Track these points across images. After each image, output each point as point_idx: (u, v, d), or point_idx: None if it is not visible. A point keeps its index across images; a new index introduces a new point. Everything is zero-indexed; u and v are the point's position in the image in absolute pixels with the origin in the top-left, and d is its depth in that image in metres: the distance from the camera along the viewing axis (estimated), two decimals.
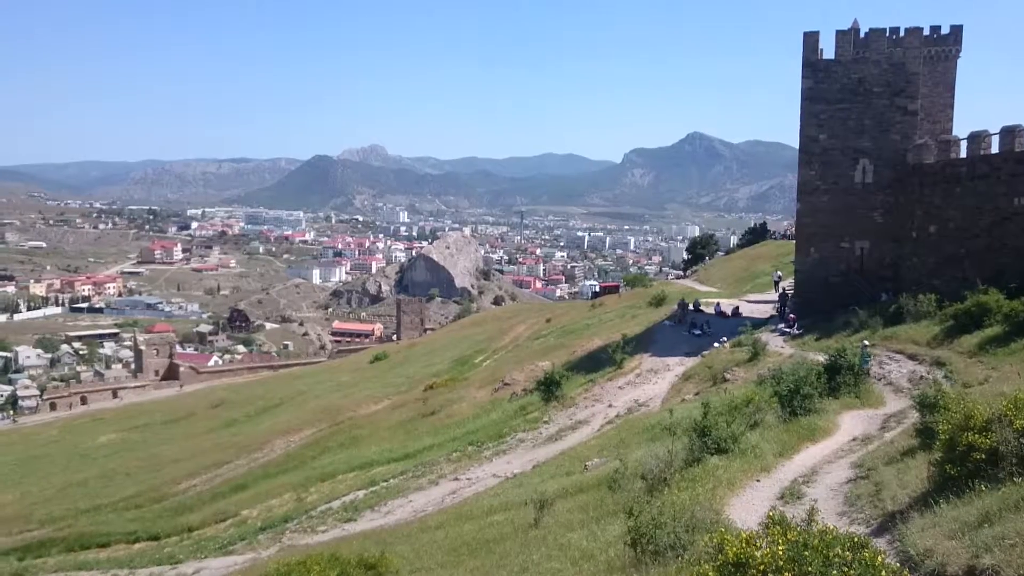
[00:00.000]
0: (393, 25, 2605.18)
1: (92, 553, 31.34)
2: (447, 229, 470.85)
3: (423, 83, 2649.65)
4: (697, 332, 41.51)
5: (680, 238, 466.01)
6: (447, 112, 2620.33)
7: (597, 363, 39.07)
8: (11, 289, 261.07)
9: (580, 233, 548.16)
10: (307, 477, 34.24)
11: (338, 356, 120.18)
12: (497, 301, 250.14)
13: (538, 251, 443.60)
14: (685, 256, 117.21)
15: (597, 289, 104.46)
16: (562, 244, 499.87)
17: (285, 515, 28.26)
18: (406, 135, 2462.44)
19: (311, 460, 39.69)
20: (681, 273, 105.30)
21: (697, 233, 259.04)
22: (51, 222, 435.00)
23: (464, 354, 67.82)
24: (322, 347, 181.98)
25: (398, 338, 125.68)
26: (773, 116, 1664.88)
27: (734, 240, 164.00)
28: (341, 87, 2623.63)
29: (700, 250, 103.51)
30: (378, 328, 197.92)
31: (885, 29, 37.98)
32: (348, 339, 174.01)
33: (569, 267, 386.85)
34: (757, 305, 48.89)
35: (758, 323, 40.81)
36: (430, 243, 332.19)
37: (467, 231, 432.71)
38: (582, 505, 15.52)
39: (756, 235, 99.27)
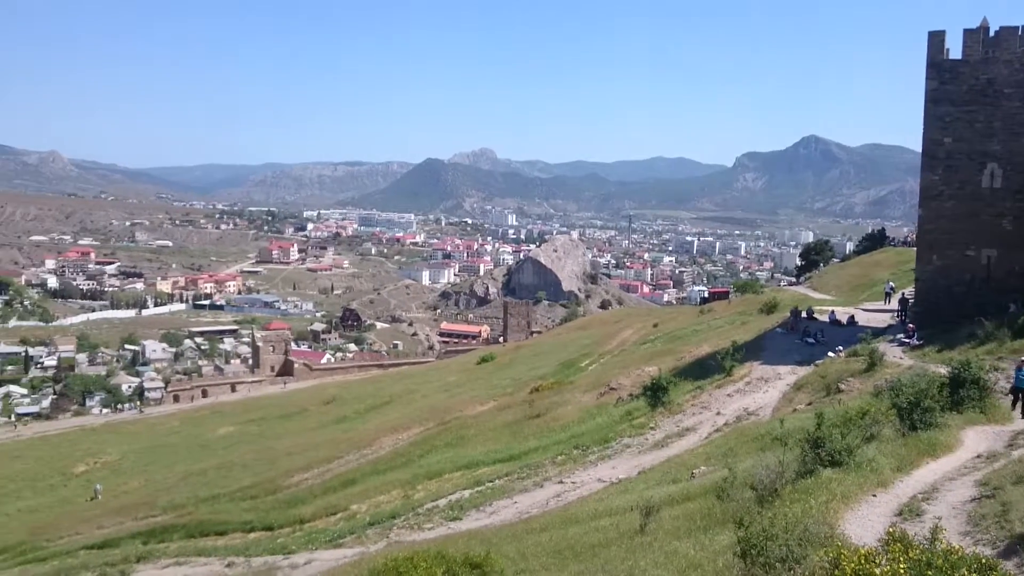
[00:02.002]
0: (503, 31, 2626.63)
1: (210, 540, 32.59)
2: (555, 232, 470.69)
3: (533, 88, 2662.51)
4: (810, 340, 40.35)
5: (793, 244, 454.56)
6: (556, 116, 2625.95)
7: (705, 370, 38.44)
8: (140, 286, 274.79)
9: (689, 238, 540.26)
10: (414, 475, 34.76)
11: (446, 357, 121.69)
12: (604, 305, 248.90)
13: (646, 255, 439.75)
14: (798, 262, 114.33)
15: (706, 295, 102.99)
16: (671, 249, 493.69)
17: (393, 511, 28.75)
18: (516, 139, 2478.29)
19: (418, 458, 40.28)
20: (794, 280, 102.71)
21: (811, 239, 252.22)
22: (177, 222, 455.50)
23: (570, 357, 67.75)
24: (430, 347, 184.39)
25: (504, 340, 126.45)
26: (894, 118, 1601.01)
27: (850, 247, 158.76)
28: (453, 92, 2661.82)
29: (814, 256, 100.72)
30: (485, 330, 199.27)
31: (1017, 27, 36.00)
32: (455, 340, 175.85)
33: (677, 272, 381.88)
34: (874, 314, 47.17)
35: (875, 333, 39.33)
36: (538, 246, 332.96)
37: (575, 235, 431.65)
38: (689, 513, 15.29)
39: (874, 241, 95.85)
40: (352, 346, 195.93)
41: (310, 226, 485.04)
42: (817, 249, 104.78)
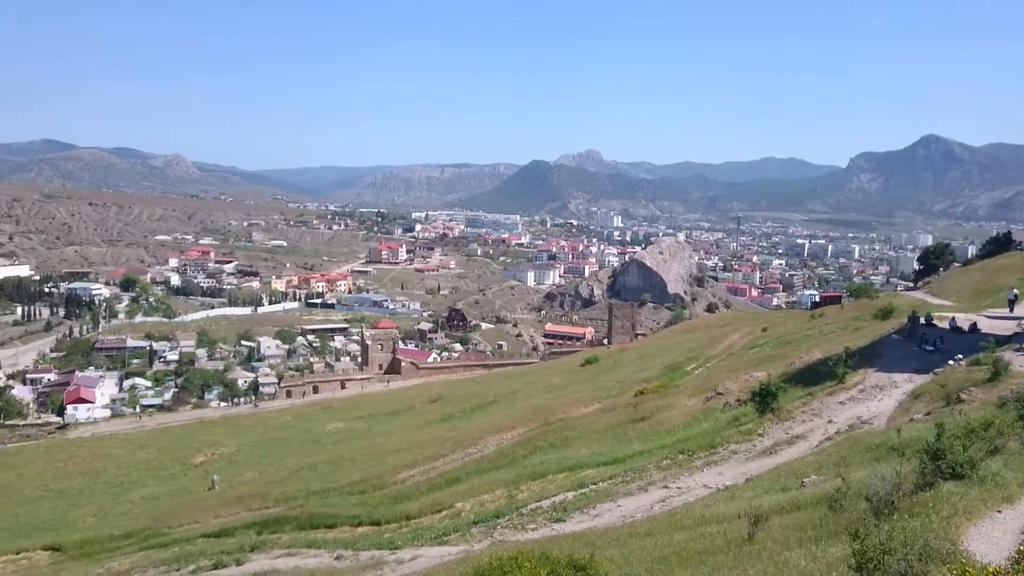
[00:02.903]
0: (609, 33, 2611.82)
1: (320, 533, 33.45)
2: (661, 234, 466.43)
3: (639, 89, 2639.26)
4: (929, 348, 38.72)
5: (910, 247, 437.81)
6: (663, 117, 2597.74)
7: (816, 376, 37.34)
8: (256, 284, 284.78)
9: (800, 240, 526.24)
10: (518, 475, 34.89)
11: (550, 358, 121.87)
12: (710, 308, 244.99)
13: (755, 258, 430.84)
14: (916, 267, 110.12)
15: (817, 299, 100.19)
16: (780, 251, 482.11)
17: (497, 510, 28.93)
18: (622, 140, 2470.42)
19: (522, 459, 40.42)
20: (911, 284, 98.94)
21: (930, 242, 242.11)
22: (292, 223, 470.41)
23: (675, 361, 66.90)
24: (534, 348, 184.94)
25: (609, 342, 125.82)
26: (1022, 116, 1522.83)
27: (972, 250, 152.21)
28: (560, 94, 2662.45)
29: (933, 260, 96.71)
30: (589, 332, 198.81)
31: None
32: (560, 341, 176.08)
33: (787, 275, 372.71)
34: (998, 321, 44.90)
35: (999, 341, 37.46)
36: (643, 248, 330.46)
37: (681, 236, 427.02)
38: (799, 523, 14.89)
39: (999, 245, 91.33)
40: (458, 346, 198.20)
41: (418, 227, 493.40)
42: (937, 253, 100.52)
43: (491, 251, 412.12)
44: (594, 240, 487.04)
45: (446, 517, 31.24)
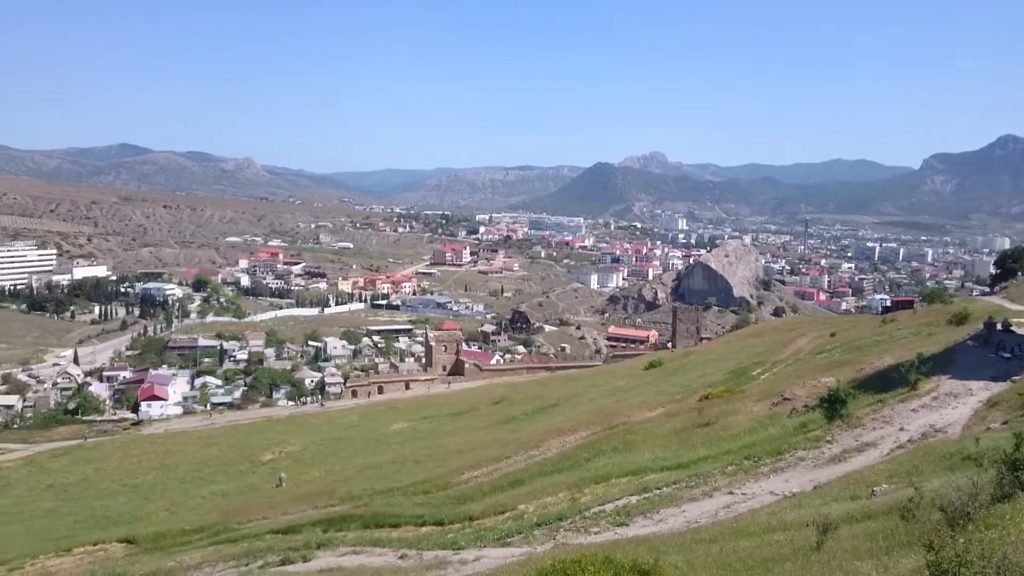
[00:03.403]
0: (674, 34, 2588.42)
1: (384, 531, 33.76)
2: (726, 237, 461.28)
3: (705, 90, 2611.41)
4: (1007, 355, 37.57)
5: (987, 251, 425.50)
6: (729, 118, 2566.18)
7: (887, 383, 36.49)
8: (323, 285, 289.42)
9: (870, 244, 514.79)
10: (581, 478, 34.78)
11: (613, 361, 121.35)
12: (777, 312, 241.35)
13: (823, 261, 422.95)
14: (993, 271, 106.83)
15: (888, 303, 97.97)
16: (850, 255, 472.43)
17: (559, 513, 28.87)
18: (687, 142, 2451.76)
19: (585, 462, 40.28)
20: (987, 289, 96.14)
21: (1007, 245, 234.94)
22: (358, 225, 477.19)
23: (741, 365, 66.04)
24: (597, 351, 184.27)
25: (673, 346, 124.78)
26: None
27: None
28: (624, 96, 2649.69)
29: (1011, 264, 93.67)
30: (653, 335, 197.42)
31: None
32: (623, 344, 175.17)
33: (857, 279, 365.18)
34: None
35: None
36: (708, 251, 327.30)
37: (747, 239, 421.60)
38: (869, 532, 14.57)
39: None
40: (521, 348, 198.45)
41: (482, 229, 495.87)
42: (1015, 256, 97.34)
43: (554, 253, 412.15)
44: (658, 243, 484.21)
45: (509, 519, 31.28)
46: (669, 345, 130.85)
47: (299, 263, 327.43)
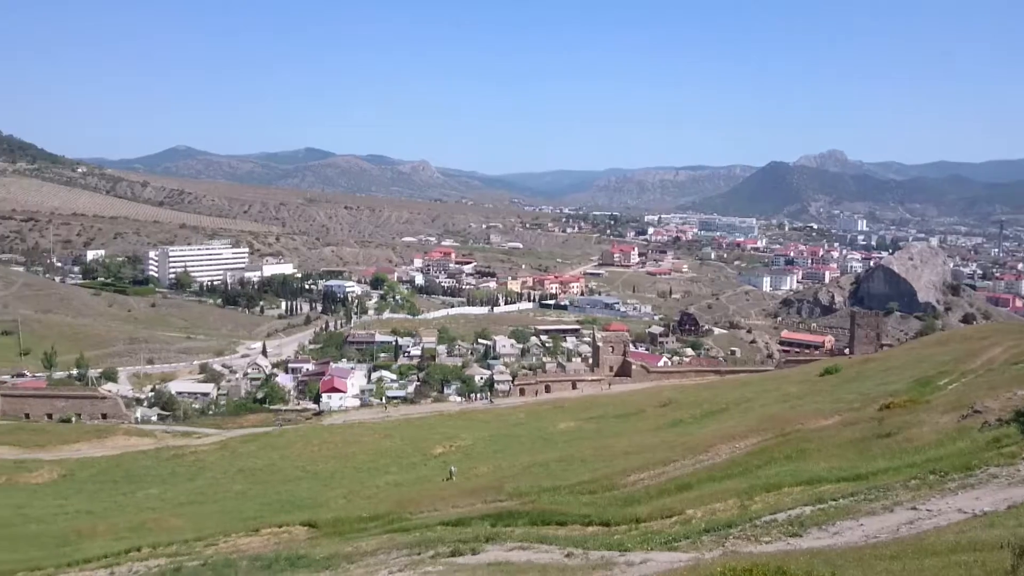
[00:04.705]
0: (851, 27, 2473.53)
1: (551, 529, 34.11)
2: (911, 239, 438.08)
3: (887, 84, 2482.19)
4: None
5: None
6: (914, 114, 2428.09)
7: None
8: (493, 284, 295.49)
9: None
10: (751, 485, 33.96)
11: (785, 366, 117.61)
12: (967, 319, 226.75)
13: (1020, 265, 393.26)
14: None
15: None
16: None
17: (728, 520, 28.33)
18: (867, 139, 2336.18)
19: (755, 469, 39.30)
20: None
21: None
22: (527, 225, 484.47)
23: (926, 374, 62.40)
24: (769, 356, 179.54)
25: (851, 352, 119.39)
26: None
27: None
28: (801, 93, 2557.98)
29: None
30: (829, 340, 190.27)
31: None
32: (796, 349, 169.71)
33: None
34: None
35: None
36: (891, 253, 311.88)
37: (934, 241, 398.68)
38: None
39: None
40: (689, 350, 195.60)
41: (651, 230, 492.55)
42: None
43: (725, 255, 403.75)
44: (835, 245, 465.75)
45: (676, 523, 30.96)
46: (846, 351, 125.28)
47: (470, 262, 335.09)
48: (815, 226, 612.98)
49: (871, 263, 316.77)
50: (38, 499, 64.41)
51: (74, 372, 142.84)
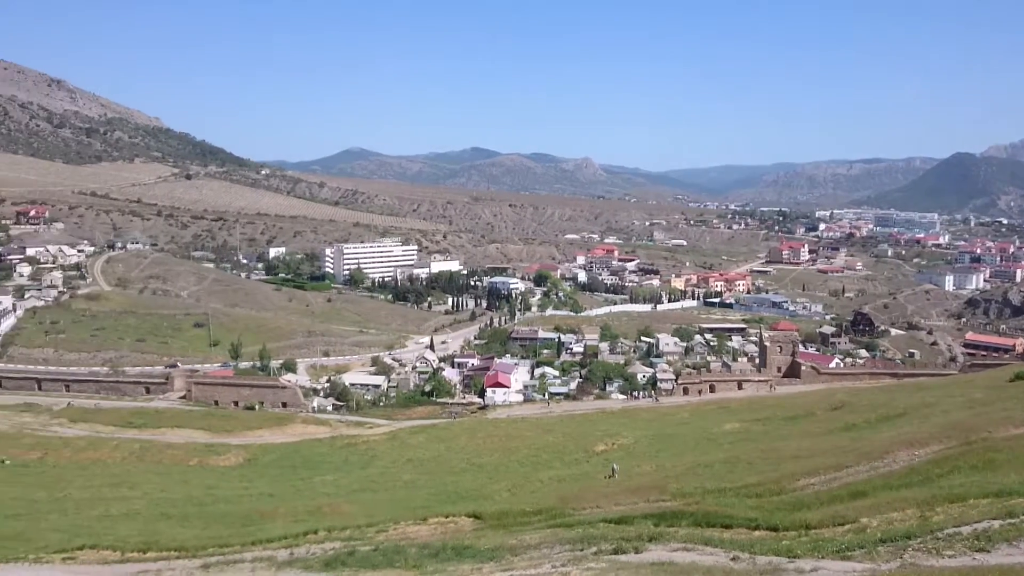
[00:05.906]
0: None
1: (715, 531, 33.42)
2: None
3: None
4: None
5: None
6: None
7: None
8: (656, 282, 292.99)
9: None
10: (932, 495, 32.15)
11: (971, 370, 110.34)
12: None
13: None
14: None
15: None
16: None
17: (907, 531, 26.94)
18: None
19: (937, 478, 37.18)
20: None
21: None
22: (691, 222, 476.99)
23: None
24: (952, 359, 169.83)
25: None
26: None
27: None
28: (990, 78, 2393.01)
29: None
30: (1020, 343, 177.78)
31: None
32: (983, 353, 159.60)
33: None
34: None
35: None
36: None
37: None
38: None
39: None
40: (863, 352, 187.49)
41: (822, 226, 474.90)
42: None
43: (903, 252, 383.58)
44: None
45: (849, 531, 29.73)
46: None
47: (633, 260, 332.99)
48: (1005, 221, 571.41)
49: None
50: (225, 481, 69.11)
51: (257, 363, 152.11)
